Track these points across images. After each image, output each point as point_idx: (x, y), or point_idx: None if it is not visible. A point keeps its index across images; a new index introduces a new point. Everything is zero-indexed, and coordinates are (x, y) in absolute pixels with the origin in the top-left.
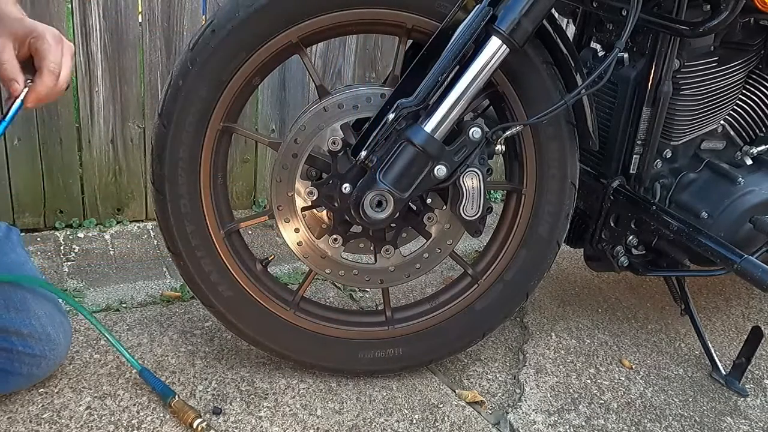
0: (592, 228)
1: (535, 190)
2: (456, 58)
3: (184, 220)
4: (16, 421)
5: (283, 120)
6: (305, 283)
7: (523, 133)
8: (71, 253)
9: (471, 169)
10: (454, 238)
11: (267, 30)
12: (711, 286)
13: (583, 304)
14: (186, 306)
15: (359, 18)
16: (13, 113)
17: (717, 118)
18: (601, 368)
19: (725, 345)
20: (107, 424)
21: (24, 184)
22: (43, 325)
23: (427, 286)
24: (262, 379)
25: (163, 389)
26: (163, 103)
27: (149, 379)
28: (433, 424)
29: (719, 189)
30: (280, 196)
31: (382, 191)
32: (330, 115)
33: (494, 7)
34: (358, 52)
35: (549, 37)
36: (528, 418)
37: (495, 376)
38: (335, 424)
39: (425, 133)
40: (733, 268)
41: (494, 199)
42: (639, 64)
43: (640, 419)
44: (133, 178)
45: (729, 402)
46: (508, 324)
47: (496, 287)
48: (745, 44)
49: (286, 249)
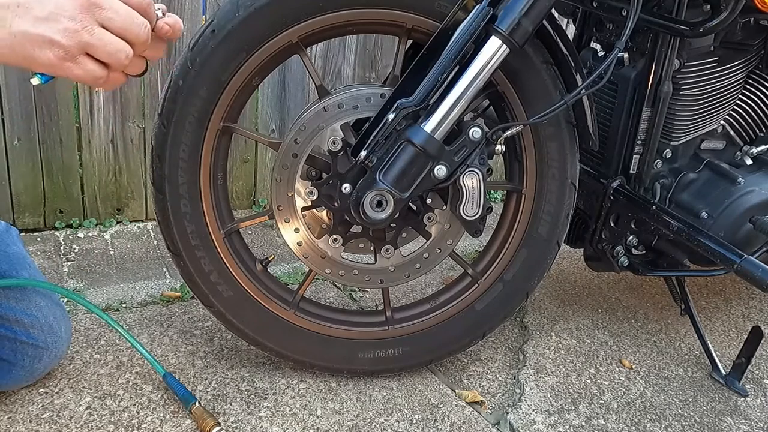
0: (592, 228)
1: (535, 190)
2: (456, 58)
3: (184, 220)
4: (16, 421)
5: (283, 120)
6: (305, 283)
7: (523, 133)
8: (71, 253)
9: (471, 169)
10: (454, 238)
11: (267, 30)
12: (711, 286)
13: (583, 304)
14: (186, 306)
15: (359, 18)
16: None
17: (717, 118)
18: (601, 368)
19: (725, 345)
20: (107, 424)
21: (24, 184)
22: (45, 316)
23: (427, 286)
24: (262, 379)
25: (184, 394)
26: (163, 103)
27: (172, 383)
28: (433, 424)
29: (719, 189)
30: (280, 196)
31: (382, 191)
32: (330, 115)
33: (494, 7)
34: (358, 52)
35: (549, 37)
36: (528, 418)
37: (495, 376)
38: (335, 424)
39: (425, 133)
40: (733, 268)
41: (494, 199)
42: (639, 64)
43: (640, 419)
44: (133, 178)
45: (729, 402)
46: (508, 324)
47: (496, 287)
48: (745, 44)
49: (286, 249)
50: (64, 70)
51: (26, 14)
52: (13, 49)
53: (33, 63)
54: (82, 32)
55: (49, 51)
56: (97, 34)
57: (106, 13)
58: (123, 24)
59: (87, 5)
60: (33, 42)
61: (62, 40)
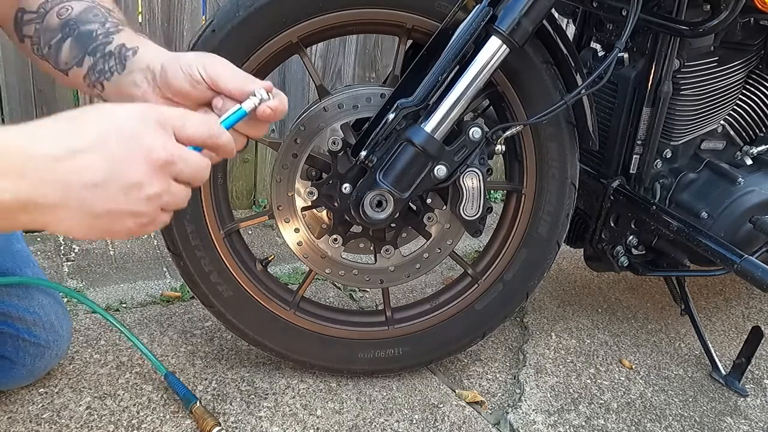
0: (592, 228)
1: (535, 190)
2: (456, 58)
3: (184, 220)
4: (16, 421)
5: (283, 120)
6: (305, 283)
7: (523, 133)
8: (71, 253)
9: (471, 169)
10: (454, 238)
11: (267, 30)
12: (711, 286)
13: (583, 304)
14: (186, 306)
15: (359, 18)
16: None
17: (717, 118)
18: (601, 368)
19: (725, 345)
20: (107, 424)
21: None
22: (47, 314)
23: (427, 286)
24: (262, 379)
25: (185, 394)
26: None
27: (173, 383)
28: (433, 424)
29: (719, 189)
30: (280, 196)
31: (382, 191)
32: (330, 115)
33: (494, 7)
34: (358, 52)
35: (549, 37)
36: (528, 418)
37: (495, 376)
38: (335, 424)
39: (425, 133)
40: (733, 268)
41: (494, 199)
42: (639, 64)
43: (640, 419)
44: None
45: (729, 402)
46: (508, 324)
47: (496, 287)
48: (745, 44)
49: (286, 249)
50: (140, 233)
51: (106, 192)
52: (92, 228)
53: (109, 236)
54: (163, 195)
55: (130, 221)
56: (172, 191)
57: (177, 167)
58: (191, 174)
59: (162, 164)
60: (117, 218)
61: (145, 209)
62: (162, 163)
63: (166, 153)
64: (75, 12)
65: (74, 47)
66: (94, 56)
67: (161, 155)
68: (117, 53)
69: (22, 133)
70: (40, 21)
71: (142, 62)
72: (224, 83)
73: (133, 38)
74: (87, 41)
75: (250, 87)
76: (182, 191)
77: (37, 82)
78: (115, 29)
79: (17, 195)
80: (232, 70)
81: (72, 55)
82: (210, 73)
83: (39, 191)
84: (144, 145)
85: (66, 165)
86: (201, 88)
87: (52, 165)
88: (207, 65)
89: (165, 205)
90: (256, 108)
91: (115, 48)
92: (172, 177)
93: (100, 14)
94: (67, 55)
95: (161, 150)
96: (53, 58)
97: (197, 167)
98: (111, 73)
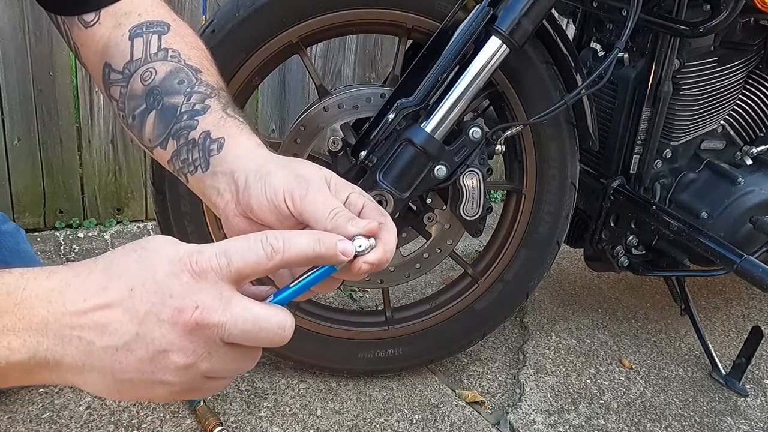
0: (592, 228)
1: (535, 190)
2: (456, 58)
3: (184, 220)
4: (16, 421)
5: (283, 120)
6: None
7: (523, 133)
8: (71, 253)
9: (471, 169)
10: (454, 238)
11: (267, 30)
12: (711, 286)
13: (583, 304)
14: None
15: (359, 18)
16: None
17: (717, 118)
18: (601, 368)
19: (725, 345)
20: (107, 424)
21: (24, 184)
22: None
23: (427, 286)
24: (262, 379)
25: None
26: None
27: None
28: (433, 424)
29: (719, 189)
30: None
31: (382, 191)
32: (330, 115)
33: (494, 7)
34: (358, 52)
35: (549, 37)
36: (528, 418)
37: (495, 376)
38: (335, 424)
39: (425, 133)
40: (733, 268)
41: (494, 199)
42: (639, 64)
43: (640, 419)
44: (133, 178)
45: (729, 402)
46: (508, 324)
47: (496, 287)
48: (745, 44)
49: None
50: (187, 397)
51: (128, 356)
52: (122, 393)
53: (147, 398)
54: (198, 363)
55: (161, 390)
56: (217, 357)
57: (221, 330)
58: (246, 337)
59: (193, 328)
60: (145, 386)
61: (174, 379)
62: (194, 327)
63: (199, 313)
64: (159, 77)
65: (158, 124)
66: (178, 141)
67: (197, 316)
68: (201, 144)
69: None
70: (125, 84)
71: (226, 166)
72: (317, 226)
73: (218, 124)
74: (170, 119)
75: (350, 230)
76: (237, 356)
77: (37, 82)
78: (201, 105)
79: (35, 354)
80: (329, 207)
81: (156, 134)
82: (300, 209)
83: (59, 351)
84: (174, 304)
85: (86, 320)
86: (288, 223)
87: (75, 320)
88: (296, 198)
89: (208, 372)
90: (352, 261)
91: (200, 136)
92: (220, 338)
93: (186, 80)
94: (150, 132)
95: (192, 308)
96: (137, 132)
97: (253, 327)
98: (195, 168)
